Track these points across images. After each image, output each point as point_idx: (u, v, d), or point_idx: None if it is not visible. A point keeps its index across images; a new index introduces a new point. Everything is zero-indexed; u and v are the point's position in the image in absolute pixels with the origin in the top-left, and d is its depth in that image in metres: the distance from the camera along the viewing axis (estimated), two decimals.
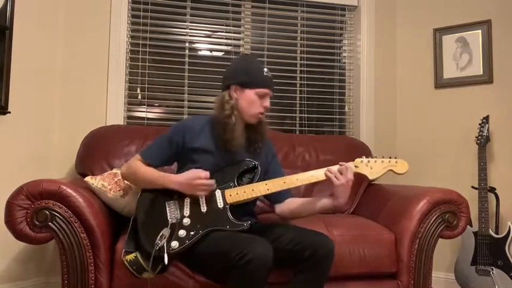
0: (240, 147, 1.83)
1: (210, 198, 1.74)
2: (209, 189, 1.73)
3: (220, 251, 1.58)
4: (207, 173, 1.71)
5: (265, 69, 1.85)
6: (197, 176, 1.70)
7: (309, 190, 2.46)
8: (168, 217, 1.71)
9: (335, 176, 1.73)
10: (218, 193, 1.76)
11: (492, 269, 2.51)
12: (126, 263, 1.67)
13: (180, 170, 1.86)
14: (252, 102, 1.81)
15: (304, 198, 1.91)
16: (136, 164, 1.83)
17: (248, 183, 1.81)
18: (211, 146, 1.84)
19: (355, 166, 1.80)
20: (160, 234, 1.63)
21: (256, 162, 1.84)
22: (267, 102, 1.83)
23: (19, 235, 1.65)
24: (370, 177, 1.81)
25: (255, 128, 1.88)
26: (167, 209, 1.73)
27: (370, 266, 1.96)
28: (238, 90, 1.82)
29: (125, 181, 1.92)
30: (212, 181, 1.72)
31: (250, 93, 1.81)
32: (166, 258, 1.58)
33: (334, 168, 1.75)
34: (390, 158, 1.82)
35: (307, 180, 1.78)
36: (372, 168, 1.80)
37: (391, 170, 1.81)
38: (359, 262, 1.94)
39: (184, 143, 1.84)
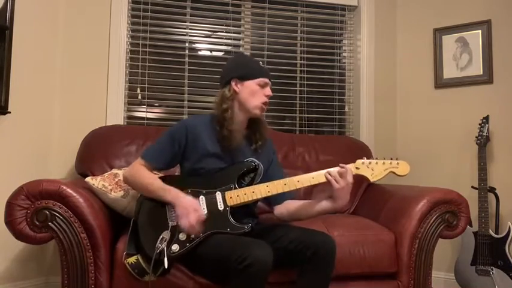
0: (240, 142, 1.81)
1: (211, 201, 1.73)
2: (192, 231, 1.64)
3: (221, 255, 1.57)
4: (204, 216, 1.67)
5: (261, 63, 1.88)
6: (196, 211, 1.65)
7: (308, 190, 2.45)
8: (169, 220, 1.69)
9: (335, 179, 1.71)
10: (219, 195, 1.74)
11: (492, 269, 2.51)
12: (127, 265, 1.67)
13: (184, 174, 1.85)
14: (254, 92, 1.81)
15: (303, 200, 1.88)
16: (139, 169, 1.80)
17: (249, 184, 1.80)
18: (215, 148, 1.82)
19: (356, 168, 1.78)
20: (161, 237, 1.63)
21: (258, 163, 1.83)
22: (268, 91, 1.84)
23: (19, 235, 1.65)
24: (372, 180, 1.79)
25: (254, 125, 1.88)
26: (167, 211, 1.71)
27: (370, 266, 1.95)
28: (239, 83, 1.82)
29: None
30: (198, 230, 1.64)
31: (251, 84, 1.81)
32: (166, 262, 1.58)
33: (334, 170, 1.73)
34: (391, 159, 1.81)
35: (307, 182, 1.76)
36: (373, 170, 1.79)
37: (393, 172, 1.80)
38: (359, 262, 1.94)
39: (188, 142, 1.81)
